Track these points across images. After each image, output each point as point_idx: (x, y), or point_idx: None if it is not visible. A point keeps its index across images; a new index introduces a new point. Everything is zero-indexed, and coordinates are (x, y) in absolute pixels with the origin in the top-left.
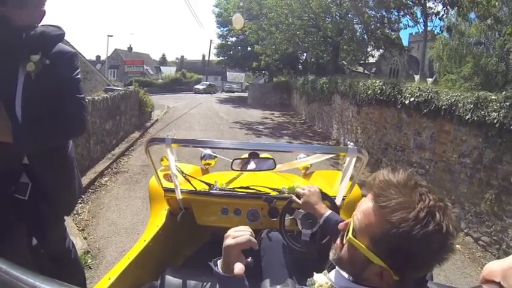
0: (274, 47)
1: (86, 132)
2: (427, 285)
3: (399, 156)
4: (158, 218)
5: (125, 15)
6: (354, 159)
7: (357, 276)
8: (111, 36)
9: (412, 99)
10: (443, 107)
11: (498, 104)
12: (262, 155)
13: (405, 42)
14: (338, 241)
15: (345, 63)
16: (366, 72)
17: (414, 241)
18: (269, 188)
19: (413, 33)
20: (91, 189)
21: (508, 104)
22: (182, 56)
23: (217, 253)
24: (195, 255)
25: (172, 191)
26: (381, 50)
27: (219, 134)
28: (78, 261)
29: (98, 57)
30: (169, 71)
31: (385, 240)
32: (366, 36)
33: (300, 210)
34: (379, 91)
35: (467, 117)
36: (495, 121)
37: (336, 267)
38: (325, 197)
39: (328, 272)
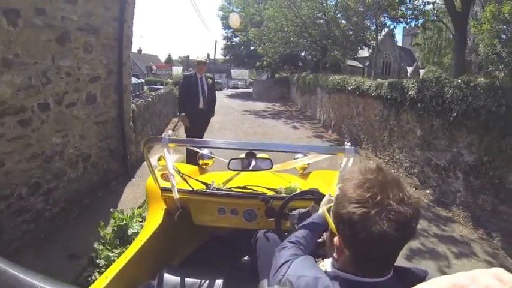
0: (273, 50)
1: (156, 112)
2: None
3: (349, 122)
4: (155, 218)
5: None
6: (352, 159)
7: (332, 253)
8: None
9: (351, 87)
10: (365, 90)
11: (385, 86)
12: (260, 155)
13: (400, 35)
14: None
15: (341, 59)
16: (360, 66)
17: (351, 221)
18: (266, 188)
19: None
20: None
21: (386, 85)
22: (188, 56)
23: (215, 253)
24: (192, 255)
25: (169, 190)
26: (360, 50)
27: (235, 118)
28: None
29: None
30: (176, 70)
31: (334, 212)
32: (343, 40)
33: (296, 211)
34: (337, 83)
35: (373, 94)
36: (384, 95)
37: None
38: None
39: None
